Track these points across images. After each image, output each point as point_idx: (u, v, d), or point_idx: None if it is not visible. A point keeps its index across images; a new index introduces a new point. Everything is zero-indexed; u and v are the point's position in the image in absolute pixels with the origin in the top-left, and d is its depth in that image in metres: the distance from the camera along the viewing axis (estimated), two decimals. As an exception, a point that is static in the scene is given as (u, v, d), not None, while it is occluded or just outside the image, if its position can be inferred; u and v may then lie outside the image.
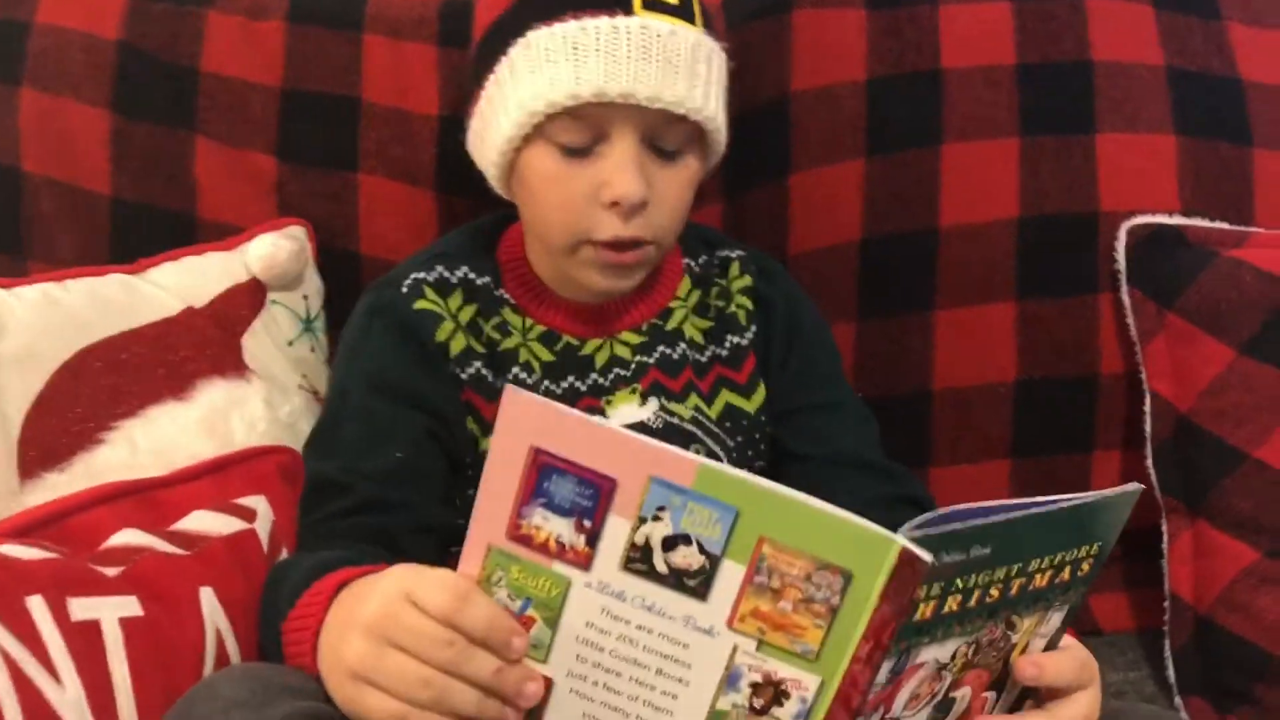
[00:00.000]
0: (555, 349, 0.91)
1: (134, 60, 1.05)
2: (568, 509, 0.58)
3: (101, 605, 0.66)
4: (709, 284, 0.96)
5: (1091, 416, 1.10)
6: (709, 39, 0.84)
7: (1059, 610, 0.67)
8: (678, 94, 0.80)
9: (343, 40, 1.08)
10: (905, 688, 0.62)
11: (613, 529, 0.58)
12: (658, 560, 0.59)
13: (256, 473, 0.82)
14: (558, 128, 0.81)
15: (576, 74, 0.79)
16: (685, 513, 0.57)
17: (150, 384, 0.89)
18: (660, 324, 0.94)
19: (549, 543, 0.59)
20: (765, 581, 0.57)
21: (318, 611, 0.67)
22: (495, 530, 0.60)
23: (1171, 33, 1.13)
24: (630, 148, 0.81)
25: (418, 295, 0.89)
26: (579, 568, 0.60)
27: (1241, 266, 1.03)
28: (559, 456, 0.58)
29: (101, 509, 0.73)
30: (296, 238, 1.02)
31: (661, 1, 0.81)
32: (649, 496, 0.57)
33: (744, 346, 0.95)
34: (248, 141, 1.06)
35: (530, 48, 0.81)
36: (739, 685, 0.60)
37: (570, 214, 0.83)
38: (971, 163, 1.09)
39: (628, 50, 0.79)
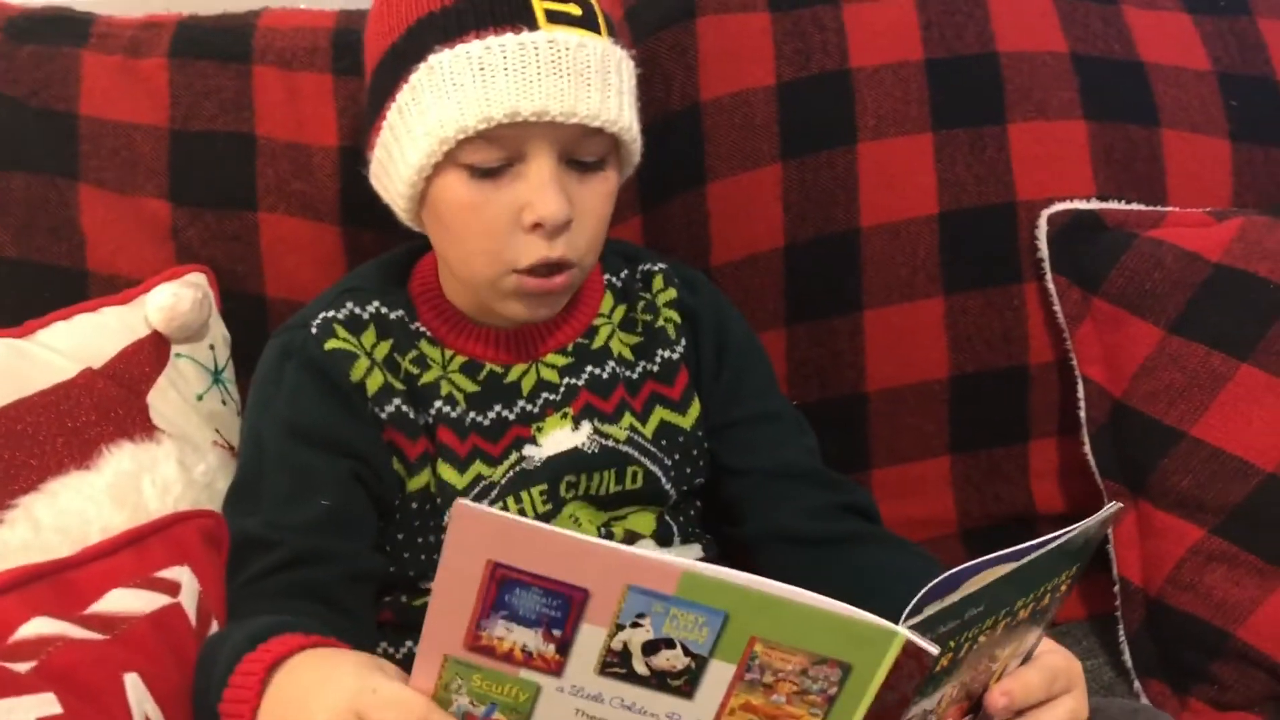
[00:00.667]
0: (478, 378, 0.88)
1: (4, 108, 0.99)
2: (534, 620, 0.54)
3: (15, 707, 0.60)
4: (633, 299, 0.94)
5: (1026, 407, 1.11)
6: (617, 48, 0.81)
7: (1034, 630, 0.65)
8: (592, 107, 0.78)
9: (231, 74, 1.04)
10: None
11: (586, 637, 0.54)
12: (637, 664, 0.55)
13: (176, 541, 0.76)
14: (470, 152, 0.78)
15: (486, 95, 0.76)
16: (668, 619, 0.53)
17: (50, 455, 0.83)
18: (586, 343, 0.91)
19: (513, 652, 0.55)
20: (757, 678, 0.54)
21: (251, 696, 0.64)
22: (451, 642, 0.55)
23: (1071, 19, 1.14)
24: (548, 166, 0.78)
25: (329, 335, 0.85)
26: (549, 674, 0.56)
27: (1161, 246, 1.04)
28: (520, 570, 0.53)
29: (7, 598, 0.67)
30: (198, 285, 0.96)
31: (565, 14, 0.78)
32: (626, 604, 0.53)
33: (675, 360, 0.92)
34: (137, 186, 1.01)
35: (434, 71, 0.77)
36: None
37: (491, 241, 0.79)
38: (888, 160, 1.09)
39: (538, 67, 0.76)
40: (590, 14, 0.80)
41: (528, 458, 0.87)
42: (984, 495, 1.11)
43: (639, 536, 0.89)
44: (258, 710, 0.64)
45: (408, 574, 0.86)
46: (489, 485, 0.85)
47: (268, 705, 0.64)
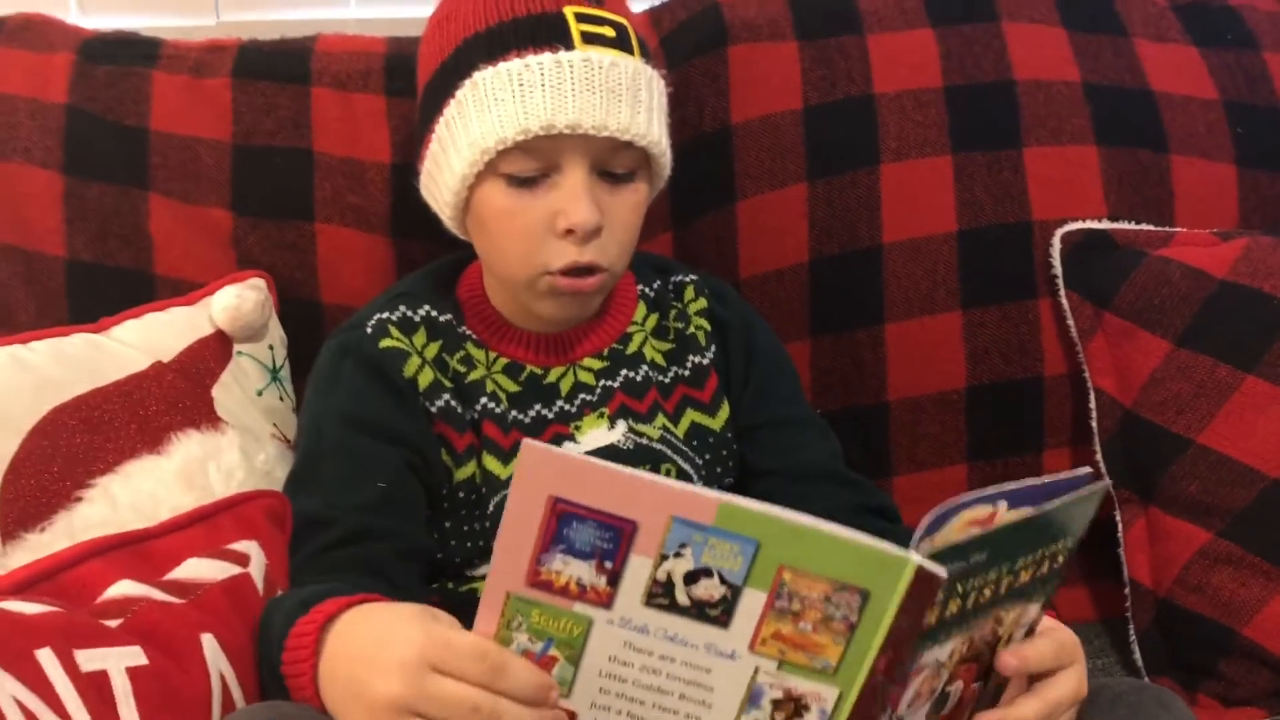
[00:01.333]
0: (520, 379, 0.93)
1: (82, 122, 1.05)
2: (588, 552, 0.59)
3: (108, 656, 0.65)
4: (665, 308, 0.99)
5: (1040, 416, 1.15)
6: (647, 67, 0.87)
7: (1037, 602, 0.70)
8: (622, 121, 0.83)
9: (291, 94, 1.10)
10: (910, 688, 0.64)
11: (634, 568, 0.59)
12: (679, 594, 0.60)
13: (245, 518, 0.81)
14: (509, 162, 0.84)
15: (524, 109, 0.82)
16: (706, 548, 0.58)
17: (125, 440, 0.89)
18: (620, 349, 0.96)
19: (569, 586, 0.60)
20: (786, 606, 0.59)
21: (307, 656, 0.68)
22: (514, 579, 0.61)
23: (1085, 51, 1.20)
24: (581, 176, 0.84)
25: (383, 334, 0.90)
26: (601, 607, 0.61)
27: (1170, 264, 1.09)
28: (578, 504, 0.58)
29: (95, 562, 0.72)
30: (259, 289, 1.02)
31: (600, 35, 0.84)
32: (670, 535, 0.58)
33: (705, 366, 0.97)
34: (202, 197, 1.07)
35: (478, 87, 0.84)
36: (760, 703, 0.61)
37: (527, 244, 0.85)
38: (909, 181, 1.14)
39: (572, 83, 0.82)
40: (624, 35, 0.86)
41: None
42: (1000, 502, 1.16)
43: None
44: (316, 669, 0.68)
45: (454, 560, 0.91)
46: None
47: (327, 664, 0.68)
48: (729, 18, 1.15)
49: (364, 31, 1.19)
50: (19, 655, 0.60)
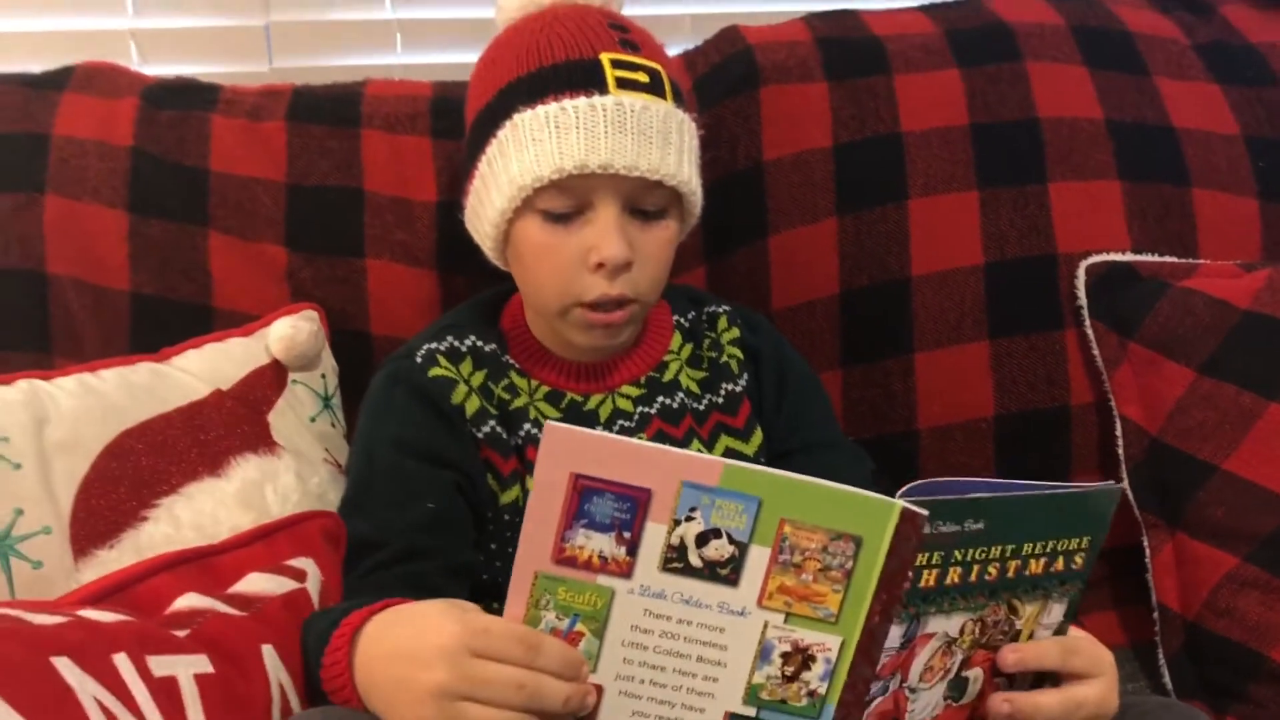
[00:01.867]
0: (561, 406, 0.97)
1: (146, 163, 1.10)
2: (608, 524, 0.64)
3: (177, 663, 0.69)
4: (700, 337, 1.03)
5: (1068, 444, 1.18)
6: (679, 111, 0.91)
7: (1059, 602, 0.73)
8: (653, 162, 0.88)
9: (342, 136, 1.15)
10: (919, 657, 0.68)
11: (650, 535, 0.65)
12: (692, 556, 0.65)
13: (302, 536, 0.86)
14: (545, 199, 0.88)
15: (559, 149, 0.86)
16: (714, 509, 0.64)
17: (187, 462, 0.93)
18: (657, 377, 1.00)
19: (592, 559, 0.65)
20: (788, 559, 0.64)
21: (343, 669, 0.72)
22: (541, 558, 0.65)
23: (1107, 89, 1.23)
24: (613, 214, 0.88)
25: (432, 363, 0.95)
26: (621, 577, 0.66)
27: (1193, 295, 1.12)
28: (598, 478, 0.64)
29: (164, 576, 0.77)
30: (312, 320, 1.07)
31: (634, 80, 0.89)
32: (681, 499, 0.64)
33: (738, 393, 1.01)
34: (258, 234, 1.11)
35: (517, 128, 0.88)
36: (771, 658, 0.67)
37: (561, 278, 0.89)
38: (936, 215, 1.18)
39: (605, 126, 0.86)
40: (657, 81, 0.90)
41: None
42: (1029, 529, 1.18)
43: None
44: (354, 680, 0.72)
45: (498, 581, 0.94)
46: None
47: (363, 671, 0.72)
48: (760, 60, 1.19)
49: (410, 76, 1.25)
50: (98, 659, 0.64)
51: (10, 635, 0.62)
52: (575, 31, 0.90)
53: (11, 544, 0.85)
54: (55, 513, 0.87)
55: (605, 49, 0.89)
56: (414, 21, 1.37)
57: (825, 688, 0.67)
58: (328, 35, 1.35)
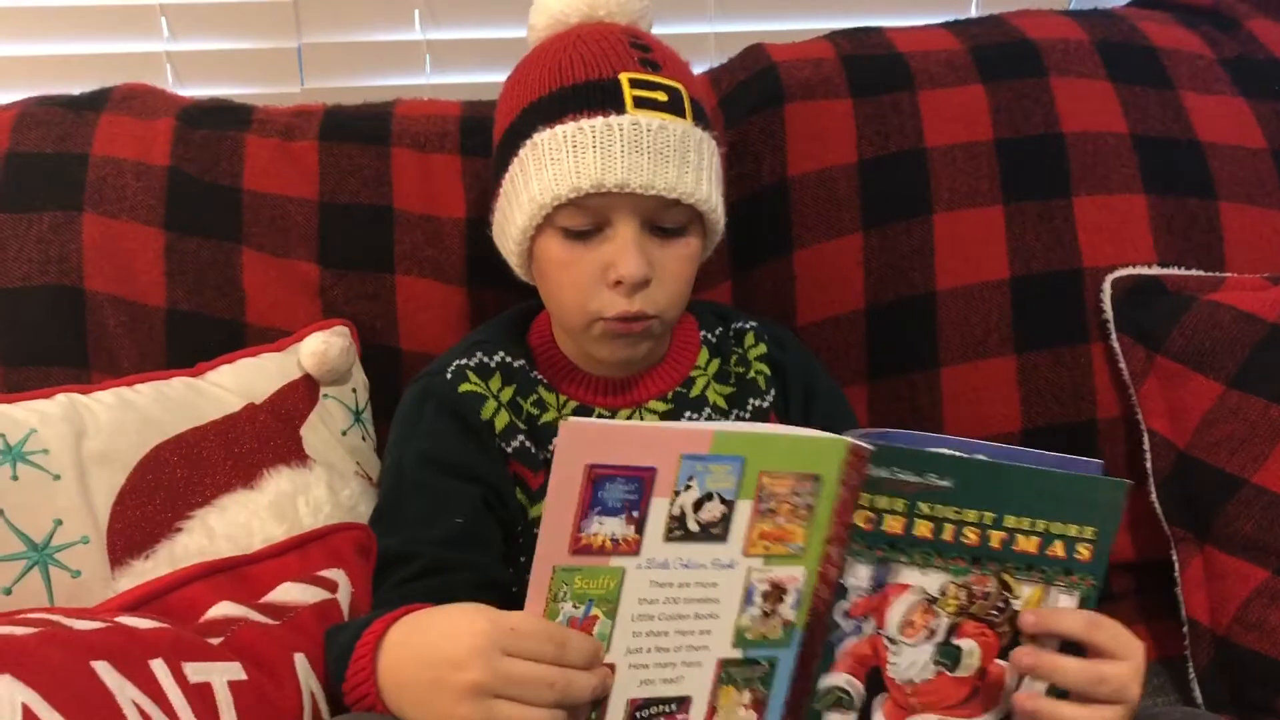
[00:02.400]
0: None
1: (182, 182, 1.13)
2: (619, 508, 0.68)
3: (211, 670, 0.70)
4: (727, 353, 1.03)
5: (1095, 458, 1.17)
6: (697, 129, 0.92)
7: (1066, 594, 0.74)
8: (669, 181, 0.88)
9: (373, 155, 1.17)
10: (894, 607, 0.73)
11: (655, 511, 0.69)
12: (690, 523, 0.70)
13: (334, 548, 0.87)
14: (565, 216, 0.90)
15: (577, 169, 0.88)
16: (708, 476, 0.69)
17: (220, 475, 0.95)
18: (684, 392, 1.00)
19: (605, 544, 0.68)
20: (765, 506, 0.70)
21: (367, 670, 0.74)
22: (559, 552, 0.68)
23: (1132, 104, 1.23)
24: (631, 231, 0.89)
25: (462, 379, 0.96)
26: (631, 555, 0.69)
27: (1220, 308, 1.11)
28: (609, 465, 0.67)
29: (198, 585, 0.78)
30: (343, 336, 1.08)
31: (652, 100, 0.90)
32: (681, 472, 0.68)
33: (765, 409, 1.01)
34: (291, 251, 1.13)
35: (537, 148, 0.90)
36: (753, 599, 0.72)
37: (581, 294, 0.91)
38: (961, 230, 1.18)
39: (621, 145, 0.88)
40: (676, 100, 0.91)
41: None
42: (1056, 543, 1.18)
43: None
44: (379, 687, 0.73)
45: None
46: None
47: (389, 676, 0.73)
48: (785, 78, 1.21)
49: (439, 96, 1.26)
50: (136, 664, 0.66)
51: (52, 639, 0.63)
52: (596, 51, 0.91)
53: (51, 553, 0.87)
54: (93, 523, 0.89)
55: (625, 68, 0.90)
56: (443, 42, 1.39)
57: (795, 615, 0.73)
58: (358, 56, 1.38)
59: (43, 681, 0.60)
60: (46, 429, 0.91)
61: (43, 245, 1.09)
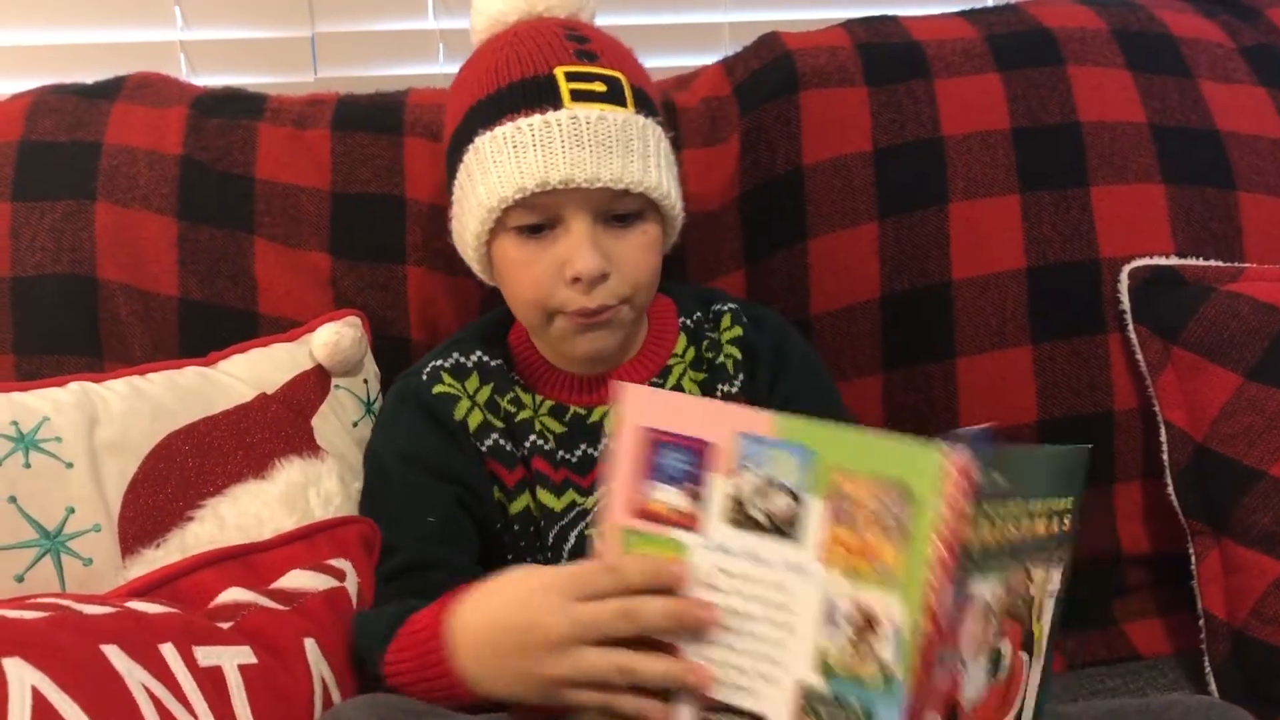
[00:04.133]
0: (565, 420, 0.97)
1: (194, 171, 1.13)
2: (678, 477, 0.67)
3: (222, 654, 0.71)
4: (701, 338, 1.02)
5: (1111, 450, 1.16)
6: (640, 116, 0.91)
7: (1056, 568, 0.73)
8: (614, 171, 0.88)
9: (384, 144, 1.17)
10: (966, 626, 0.66)
11: (714, 487, 0.66)
12: (752, 509, 0.66)
13: (341, 539, 0.87)
14: (515, 216, 0.90)
15: (519, 169, 0.87)
16: (769, 460, 0.65)
17: (232, 465, 0.95)
18: (660, 383, 0.99)
19: (664, 513, 0.68)
20: (842, 508, 0.64)
21: (436, 639, 0.75)
22: (621, 511, 0.68)
23: (1150, 93, 1.22)
24: (583, 226, 0.89)
25: (436, 381, 0.97)
26: (691, 531, 0.67)
27: (1239, 299, 1.10)
28: (665, 431, 0.67)
29: (208, 571, 0.78)
30: (355, 326, 1.08)
31: (589, 91, 0.90)
32: (738, 451, 0.66)
33: (733, 395, 0.99)
34: (302, 241, 1.13)
35: (479, 152, 0.90)
36: (836, 620, 0.65)
37: (539, 292, 0.91)
38: (977, 219, 1.17)
39: (561, 140, 0.87)
40: (615, 89, 0.91)
41: None
42: (1072, 536, 1.17)
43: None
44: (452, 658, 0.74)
45: None
46: (583, 511, 0.95)
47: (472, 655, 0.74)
48: (800, 66, 1.20)
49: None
50: (146, 648, 0.66)
51: (62, 623, 0.63)
52: (531, 48, 0.91)
53: (63, 541, 0.87)
54: (105, 511, 0.89)
55: (560, 62, 0.90)
56: (456, 31, 1.39)
57: (896, 663, 0.62)
58: (372, 45, 1.38)
59: (53, 665, 0.60)
60: (59, 417, 0.91)
61: (56, 234, 1.09)
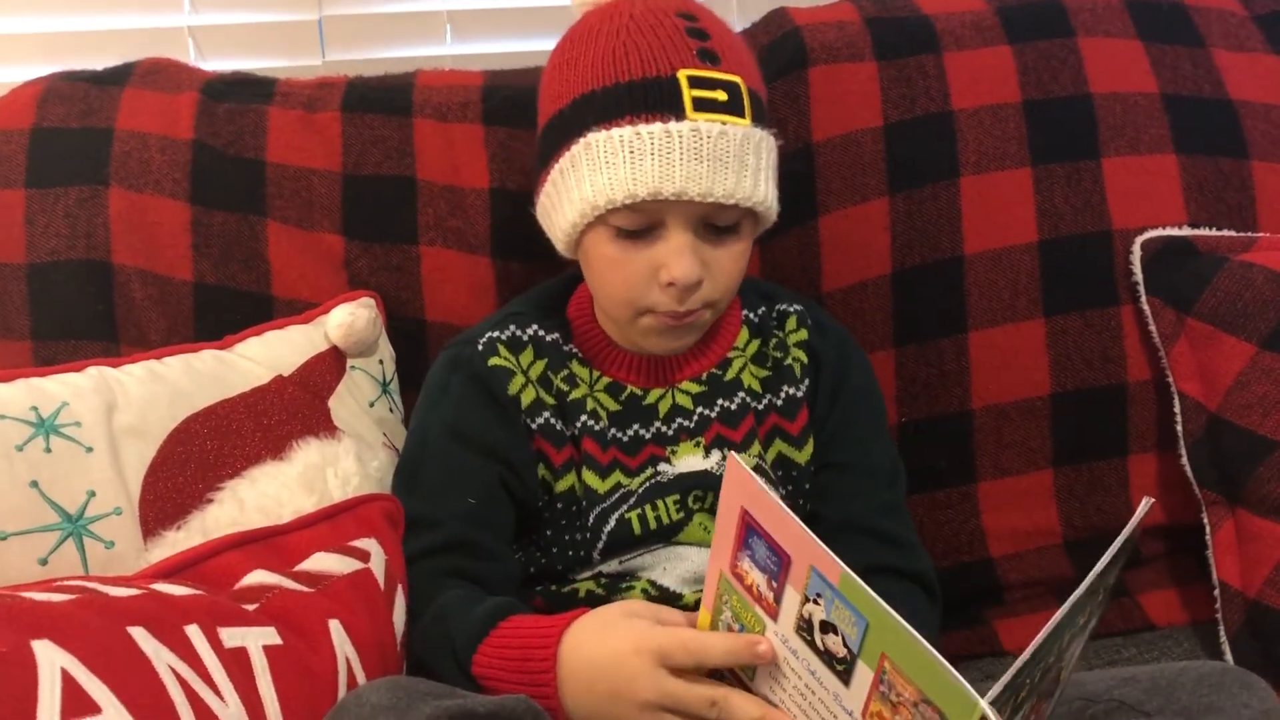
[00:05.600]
0: (620, 399, 0.97)
1: (206, 156, 1.13)
2: (763, 566, 0.67)
3: (247, 635, 0.71)
4: (767, 335, 1.02)
5: (1125, 422, 1.16)
6: (757, 130, 0.89)
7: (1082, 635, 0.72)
8: (727, 188, 0.86)
9: (395, 126, 1.17)
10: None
11: (789, 597, 0.67)
12: (816, 636, 0.66)
13: (364, 518, 0.87)
14: (617, 217, 0.88)
15: (633, 175, 0.85)
16: (834, 606, 0.65)
17: (250, 446, 0.95)
18: (719, 374, 0.99)
19: (753, 587, 0.68)
20: (886, 692, 0.64)
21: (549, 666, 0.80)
22: (723, 562, 0.70)
23: (1162, 63, 1.22)
24: (684, 235, 0.87)
25: (492, 353, 0.96)
26: (770, 617, 0.69)
27: (1252, 268, 1.10)
28: (758, 522, 0.67)
29: (233, 553, 0.79)
30: (369, 307, 1.08)
31: (712, 100, 0.87)
32: (811, 580, 0.65)
33: (798, 399, 0.99)
34: (315, 223, 1.13)
35: (590, 149, 0.87)
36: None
37: (630, 291, 0.90)
38: (989, 193, 1.17)
39: (680, 153, 0.85)
40: (736, 99, 0.88)
41: (661, 473, 0.96)
42: (1086, 507, 1.17)
43: None
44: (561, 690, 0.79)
45: (557, 567, 0.95)
46: (627, 493, 0.95)
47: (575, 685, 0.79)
48: (809, 41, 1.19)
49: (461, 66, 1.26)
50: (172, 630, 0.66)
51: (88, 605, 0.64)
52: (653, 42, 0.87)
53: (85, 524, 0.88)
54: (125, 495, 0.89)
55: (683, 64, 0.87)
56: (463, 12, 1.39)
57: None
58: (379, 27, 1.37)
59: (81, 647, 0.60)
60: (78, 402, 0.91)
61: (70, 220, 1.10)
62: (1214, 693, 0.75)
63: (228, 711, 0.65)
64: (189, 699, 0.63)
